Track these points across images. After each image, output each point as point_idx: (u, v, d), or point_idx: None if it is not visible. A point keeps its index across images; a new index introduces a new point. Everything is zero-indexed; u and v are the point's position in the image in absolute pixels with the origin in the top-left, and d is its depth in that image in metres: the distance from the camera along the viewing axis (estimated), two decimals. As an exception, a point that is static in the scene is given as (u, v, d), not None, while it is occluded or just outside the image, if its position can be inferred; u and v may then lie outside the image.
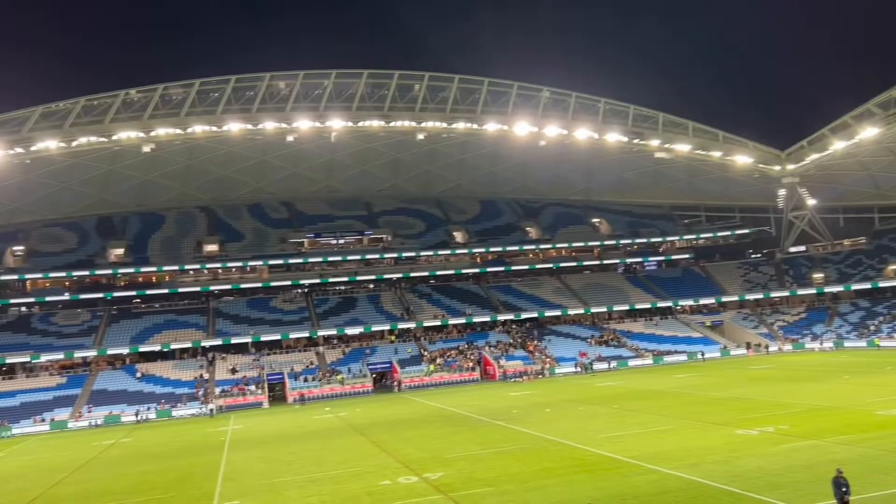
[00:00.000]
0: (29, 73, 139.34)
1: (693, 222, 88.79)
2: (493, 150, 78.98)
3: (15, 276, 67.37)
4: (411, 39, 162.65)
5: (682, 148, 70.65)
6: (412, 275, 78.10)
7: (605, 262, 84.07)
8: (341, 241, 78.22)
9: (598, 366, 63.73)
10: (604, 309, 76.59)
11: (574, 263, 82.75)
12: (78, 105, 52.19)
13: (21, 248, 70.20)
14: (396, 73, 59.67)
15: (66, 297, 68.81)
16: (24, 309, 68.69)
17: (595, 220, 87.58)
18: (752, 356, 65.35)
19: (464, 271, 79.38)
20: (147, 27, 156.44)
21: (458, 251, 79.76)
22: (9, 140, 51.80)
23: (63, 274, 68.41)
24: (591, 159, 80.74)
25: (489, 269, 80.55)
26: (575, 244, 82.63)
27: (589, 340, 70.39)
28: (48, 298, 68.68)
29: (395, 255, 77.80)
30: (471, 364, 64.46)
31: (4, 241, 70.11)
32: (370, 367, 63.93)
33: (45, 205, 71.46)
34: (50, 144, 53.45)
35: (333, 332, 69.19)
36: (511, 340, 70.31)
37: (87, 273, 68.95)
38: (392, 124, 62.98)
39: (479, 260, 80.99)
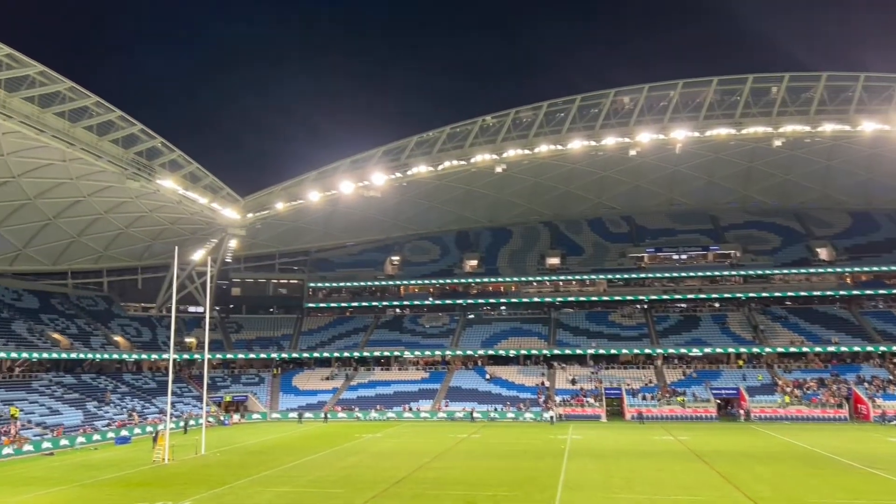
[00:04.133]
0: (404, 109, 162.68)
1: None
2: (869, 154, 68.31)
3: (392, 282, 79.03)
4: (761, 47, 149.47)
5: None
6: (764, 295, 71.27)
7: None
8: (683, 257, 75.10)
9: None
10: None
11: (983, 288, 67.05)
12: (444, 133, 59.17)
13: (397, 258, 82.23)
14: (750, 77, 55.36)
15: (430, 301, 78.20)
16: (398, 311, 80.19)
17: None
18: None
19: (829, 293, 69.79)
20: (498, 59, 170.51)
21: (821, 270, 70.45)
22: (391, 166, 61.02)
23: (429, 281, 78.08)
24: None
25: (863, 292, 69.63)
26: (985, 265, 67.07)
27: None
28: (416, 302, 79.01)
29: (744, 272, 71.94)
30: (837, 399, 56.26)
31: (384, 252, 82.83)
32: (714, 391, 60.00)
33: (415, 221, 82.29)
34: (422, 168, 61.41)
35: (673, 351, 66.60)
36: (890, 376, 59.59)
37: (447, 281, 77.66)
38: (744, 131, 58.52)
39: (849, 280, 70.42)
